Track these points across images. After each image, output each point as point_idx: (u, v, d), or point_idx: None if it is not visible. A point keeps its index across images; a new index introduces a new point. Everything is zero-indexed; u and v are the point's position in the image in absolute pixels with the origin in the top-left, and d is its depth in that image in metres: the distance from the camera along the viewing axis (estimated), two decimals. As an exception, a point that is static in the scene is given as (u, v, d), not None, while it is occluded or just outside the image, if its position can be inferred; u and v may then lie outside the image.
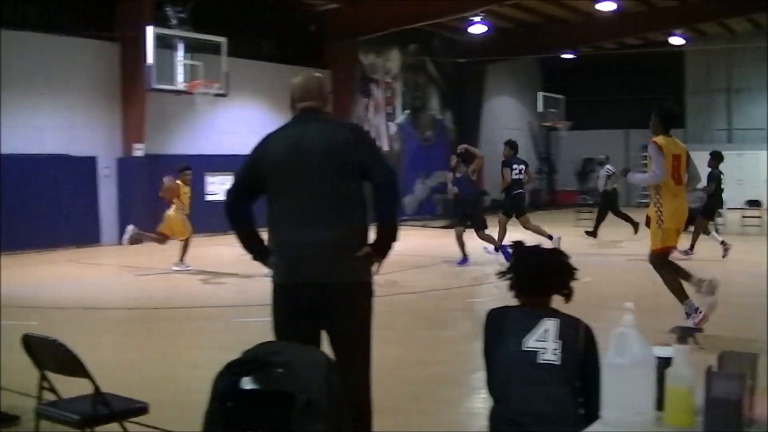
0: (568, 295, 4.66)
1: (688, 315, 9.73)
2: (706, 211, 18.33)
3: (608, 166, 23.71)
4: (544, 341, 4.34)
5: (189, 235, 17.11)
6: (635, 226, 21.38)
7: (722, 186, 18.92)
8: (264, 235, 5.44)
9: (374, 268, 5.46)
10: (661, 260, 10.01)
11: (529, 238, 5.05)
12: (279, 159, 5.31)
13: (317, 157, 5.22)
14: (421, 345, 10.03)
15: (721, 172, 18.92)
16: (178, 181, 17.11)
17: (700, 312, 9.63)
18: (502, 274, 4.74)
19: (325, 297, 5.22)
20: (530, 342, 4.34)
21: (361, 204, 5.35)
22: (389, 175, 5.34)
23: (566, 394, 4.27)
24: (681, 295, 9.86)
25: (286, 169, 5.28)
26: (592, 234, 22.73)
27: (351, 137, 5.34)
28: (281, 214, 5.30)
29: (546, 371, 4.26)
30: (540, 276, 4.61)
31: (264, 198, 5.43)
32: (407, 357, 9.34)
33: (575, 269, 4.67)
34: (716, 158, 19.14)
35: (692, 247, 17.88)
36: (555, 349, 4.31)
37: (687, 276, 9.93)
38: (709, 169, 18.61)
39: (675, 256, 11.34)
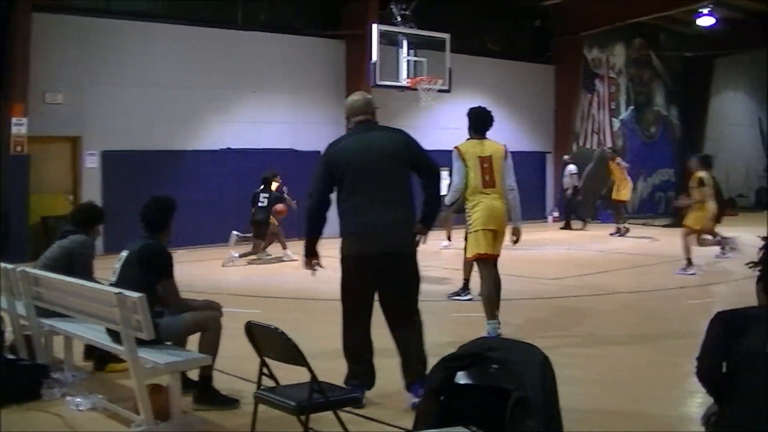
0: None
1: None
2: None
3: (571, 166, 25.60)
4: (788, 345, 4.11)
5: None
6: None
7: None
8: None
9: (420, 240, 7.18)
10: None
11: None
12: (353, 159, 6.82)
13: (384, 155, 6.85)
14: (639, 346, 9.79)
15: None
16: None
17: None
18: (753, 265, 4.53)
19: (389, 263, 6.86)
20: (773, 346, 4.12)
21: (411, 190, 6.98)
22: (435, 169, 7.06)
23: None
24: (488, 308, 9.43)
25: (360, 166, 6.79)
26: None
27: (405, 139, 7.03)
28: (357, 201, 6.81)
29: None
30: None
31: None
32: (626, 357, 9.19)
33: None
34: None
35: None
36: (801, 354, 4.08)
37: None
38: None
39: None
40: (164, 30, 20.49)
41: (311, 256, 7.19)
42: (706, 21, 29.50)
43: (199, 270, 16.22)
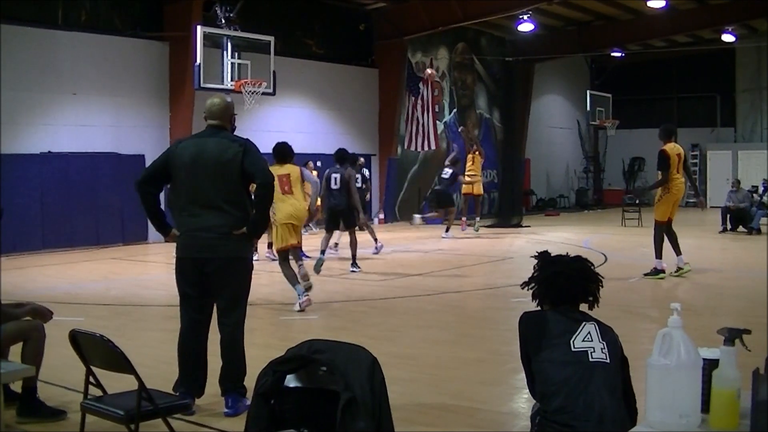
0: (593, 302, 4.62)
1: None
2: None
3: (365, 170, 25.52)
4: (590, 341, 4.31)
5: None
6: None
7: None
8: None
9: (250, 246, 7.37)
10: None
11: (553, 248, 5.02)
12: (186, 162, 6.98)
13: (217, 163, 6.94)
14: (464, 344, 9.99)
15: None
16: None
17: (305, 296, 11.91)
18: (525, 285, 4.75)
19: (210, 267, 6.93)
20: (578, 342, 4.32)
21: (243, 198, 7.10)
22: (266, 182, 7.05)
23: (618, 393, 4.27)
24: (292, 282, 11.97)
25: (192, 170, 6.96)
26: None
27: (242, 149, 7.01)
28: (185, 204, 7.01)
29: (599, 369, 4.24)
30: (565, 284, 4.57)
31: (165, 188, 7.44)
32: (450, 355, 9.33)
33: (600, 276, 4.65)
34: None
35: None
36: (603, 349, 4.30)
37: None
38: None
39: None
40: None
41: (167, 233, 7.28)
42: (525, 27, 30.25)
43: (20, 278, 15.75)
